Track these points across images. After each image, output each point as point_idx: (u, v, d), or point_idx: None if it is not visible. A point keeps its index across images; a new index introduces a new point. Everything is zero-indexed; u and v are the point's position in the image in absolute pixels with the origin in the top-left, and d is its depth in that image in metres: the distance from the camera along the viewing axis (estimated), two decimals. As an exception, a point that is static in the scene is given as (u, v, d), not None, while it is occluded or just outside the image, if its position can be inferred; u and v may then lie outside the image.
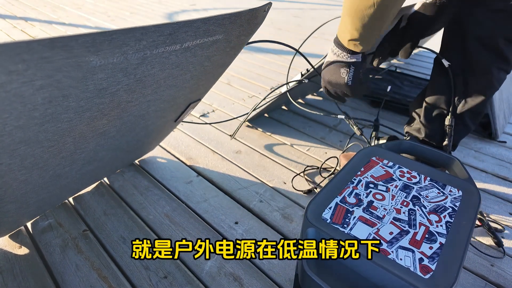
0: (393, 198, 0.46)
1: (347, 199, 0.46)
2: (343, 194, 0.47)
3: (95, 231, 0.64)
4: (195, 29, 0.40)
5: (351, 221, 0.42)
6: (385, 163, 0.53)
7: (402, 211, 0.44)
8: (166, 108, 0.60)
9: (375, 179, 0.50)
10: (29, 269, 0.56)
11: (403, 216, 0.43)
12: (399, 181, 0.50)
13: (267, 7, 0.48)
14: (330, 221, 0.42)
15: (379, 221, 0.42)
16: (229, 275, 0.56)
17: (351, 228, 0.41)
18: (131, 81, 0.42)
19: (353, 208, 0.44)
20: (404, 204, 0.45)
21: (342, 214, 0.43)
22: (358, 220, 0.43)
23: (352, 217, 0.43)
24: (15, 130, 0.35)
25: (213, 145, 0.93)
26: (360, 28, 0.53)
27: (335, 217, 0.43)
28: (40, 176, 0.49)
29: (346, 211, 0.44)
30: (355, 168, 0.52)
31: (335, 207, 0.44)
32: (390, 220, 0.43)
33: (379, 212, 0.44)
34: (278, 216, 0.69)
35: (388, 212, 0.44)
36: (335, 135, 1.02)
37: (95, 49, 0.32)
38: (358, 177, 0.50)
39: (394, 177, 0.50)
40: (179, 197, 0.74)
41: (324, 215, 0.43)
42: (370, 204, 0.45)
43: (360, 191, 0.47)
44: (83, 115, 0.42)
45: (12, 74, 0.29)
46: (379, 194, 0.47)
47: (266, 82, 1.45)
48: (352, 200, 0.46)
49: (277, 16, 3.00)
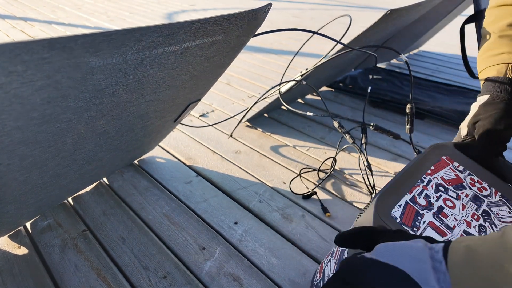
0: (464, 208, 0.43)
1: (417, 199, 0.42)
2: (413, 192, 0.43)
3: (94, 231, 0.64)
4: (194, 29, 0.40)
5: (421, 225, 0.39)
6: (455, 166, 0.49)
7: (473, 225, 0.40)
8: (165, 108, 0.60)
9: (445, 182, 0.46)
10: (28, 269, 0.56)
11: (473, 231, 0.40)
12: (469, 190, 0.46)
13: (267, 8, 0.48)
14: (400, 221, 0.38)
15: (450, 232, 0.39)
16: (228, 275, 0.56)
17: (421, 233, 0.38)
18: (130, 81, 0.42)
19: (423, 211, 0.40)
20: (474, 218, 0.41)
21: (412, 216, 0.39)
22: (428, 225, 0.39)
23: (422, 221, 0.39)
24: (14, 130, 0.35)
25: (212, 145, 0.93)
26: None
27: (405, 217, 0.39)
28: (39, 177, 0.49)
29: (416, 213, 0.40)
30: (426, 165, 0.48)
31: (405, 206, 0.40)
32: (460, 232, 0.39)
33: (450, 221, 0.40)
34: (278, 216, 0.69)
35: (459, 224, 0.40)
36: (334, 135, 1.02)
37: (94, 49, 0.32)
38: (428, 176, 0.46)
39: (464, 184, 0.46)
40: (178, 197, 0.74)
41: (394, 213, 0.39)
42: (440, 210, 0.41)
43: (430, 193, 0.43)
44: (82, 116, 0.42)
45: (11, 75, 0.29)
46: (449, 201, 0.43)
47: (266, 82, 1.45)
48: (422, 202, 0.42)
49: (277, 16, 3.00)
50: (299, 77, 0.89)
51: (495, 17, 0.53)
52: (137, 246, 0.61)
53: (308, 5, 3.84)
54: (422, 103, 1.19)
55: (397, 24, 0.95)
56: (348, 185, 0.80)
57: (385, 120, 1.15)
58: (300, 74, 0.90)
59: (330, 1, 4.27)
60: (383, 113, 1.20)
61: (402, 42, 1.52)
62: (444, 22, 1.73)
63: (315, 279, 0.52)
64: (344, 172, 0.85)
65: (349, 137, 0.77)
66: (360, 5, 4.27)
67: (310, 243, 0.63)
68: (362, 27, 2.59)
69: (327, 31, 2.31)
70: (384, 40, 1.17)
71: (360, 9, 4.00)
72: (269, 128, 1.04)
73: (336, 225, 0.68)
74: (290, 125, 1.07)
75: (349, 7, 4.03)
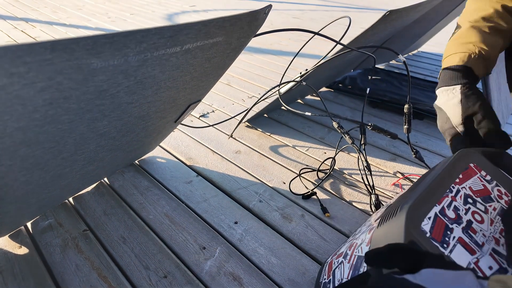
0: (492, 223, 0.40)
1: (446, 211, 0.39)
2: (442, 203, 0.40)
3: (95, 231, 0.64)
4: (195, 31, 0.41)
5: (450, 241, 0.36)
6: (483, 175, 0.46)
7: (501, 243, 0.38)
8: (166, 109, 0.60)
9: (473, 193, 0.43)
10: (29, 269, 0.56)
11: (502, 250, 0.37)
12: (497, 203, 0.43)
13: (267, 10, 0.49)
14: (429, 236, 0.35)
15: (479, 250, 0.36)
16: (228, 274, 0.56)
17: (450, 250, 0.35)
18: (131, 83, 0.43)
19: (452, 225, 0.38)
20: (503, 235, 0.39)
21: (442, 230, 0.37)
22: (457, 241, 0.36)
23: (452, 236, 0.37)
24: (16, 131, 0.36)
25: (212, 145, 0.94)
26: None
27: (434, 232, 0.36)
28: (41, 177, 0.49)
29: (446, 227, 0.37)
30: (454, 172, 0.44)
31: (435, 219, 0.37)
32: (489, 250, 0.37)
33: (479, 238, 0.38)
34: (278, 216, 0.70)
35: (487, 241, 0.38)
36: (334, 135, 1.02)
37: (96, 51, 0.33)
38: (456, 185, 0.43)
39: (492, 197, 0.44)
40: (179, 197, 0.74)
41: (424, 227, 0.36)
42: (469, 225, 0.39)
43: (459, 205, 0.41)
44: (84, 117, 0.43)
45: (14, 76, 0.29)
46: (477, 214, 0.41)
47: (266, 82, 1.45)
48: (452, 215, 0.39)
49: (277, 17, 3.01)
50: (299, 77, 0.89)
51: (473, 8, 0.55)
52: (137, 245, 0.61)
53: (308, 6, 3.85)
54: (421, 104, 1.20)
55: (396, 25, 0.96)
56: (348, 185, 0.80)
57: (384, 120, 1.16)
58: (300, 75, 0.90)
59: (330, 2, 4.28)
60: (382, 113, 1.21)
61: (401, 43, 1.52)
62: (443, 23, 1.74)
63: (322, 278, 0.51)
64: (343, 172, 0.85)
65: (348, 137, 0.77)
66: (359, 6, 4.27)
67: (310, 243, 0.64)
68: (361, 28, 2.59)
69: (327, 32, 2.32)
70: (384, 41, 1.17)
71: (359, 10, 4.00)
72: (269, 128, 1.04)
73: (335, 224, 0.68)
74: (290, 126, 1.07)
75: (349, 8, 4.03)
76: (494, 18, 0.53)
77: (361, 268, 0.40)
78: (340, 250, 0.51)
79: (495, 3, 0.53)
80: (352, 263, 0.43)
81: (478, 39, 0.52)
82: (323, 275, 0.52)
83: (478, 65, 0.51)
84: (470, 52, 0.51)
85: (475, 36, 0.52)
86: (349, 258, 0.44)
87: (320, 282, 0.51)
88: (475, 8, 0.55)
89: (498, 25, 0.53)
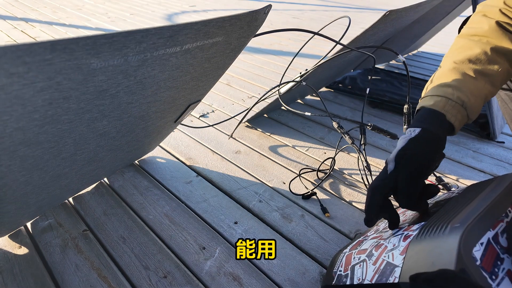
0: None
1: (499, 238, 0.35)
2: (496, 229, 0.35)
3: (95, 231, 0.64)
4: (195, 31, 0.41)
5: (499, 273, 0.32)
6: None
7: None
8: (166, 109, 0.60)
9: None
10: (29, 269, 0.56)
11: None
12: None
13: (267, 9, 0.49)
14: (479, 264, 0.32)
15: None
16: (228, 274, 0.56)
17: (498, 283, 0.32)
18: (131, 83, 0.43)
19: (503, 255, 0.34)
20: None
21: (492, 259, 0.33)
22: (506, 275, 0.33)
23: (501, 267, 0.33)
24: (15, 131, 0.36)
25: (212, 145, 0.94)
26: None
27: (485, 260, 0.32)
28: (40, 177, 0.49)
29: (497, 257, 0.33)
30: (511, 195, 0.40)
31: (487, 246, 0.34)
32: None
33: None
34: (278, 216, 0.70)
35: None
36: (334, 135, 1.02)
37: (96, 51, 0.33)
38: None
39: None
40: (178, 197, 0.74)
41: (475, 253, 0.32)
42: None
43: None
44: (83, 117, 0.43)
45: (13, 77, 0.29)
46: None
47: (266, 82, 1.45)
48: (504, 243, 0.35)
49: (276, 17, 3.01)
50: (299, 77, 0.89)
51: (460, 47, 0.49)
52: (137, 245, 0.61)
53: (308, 6, 3.85)
54: (422, 104, 1.20)
55: (396, 25, 0.96)
56: (347, 185, 0.80)
57: (384, 120, 1.16)
58: (300, 75, 0.90)
59: (330, 2, 4.28)
60: (382, 113, 1.21)
61: (401, 43, 1.52)
62: (443, 23, 1.74)
63: (337, 269, 0.48)
64: (343, 172, 0.85)
65: (348, 137, 0.77)
66: (359, 6, 4.28)
67: (310, 243, 0.64)
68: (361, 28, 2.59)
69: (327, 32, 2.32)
70: (384, 41, 1.17)
71: (359, 10, 4.00)
72: (269, 129, 1.04)
73: (335, 225, 0.68)
74: (289, 126, 1.07)
75: (349, 8, 4.03)
76: (482, 60, 0.46)
77: (390, 277, 0.37)
78: (362, 246, 0.48)
79: (485, 43, 0.47)
80: (378, 267, 0.40)
81: (458, 83, 0.45)
82: (338, 265, 0.49)
83: (454, 112, 0.44)
84: (445, 97, 0.45)
85: (456, 79, 0.45)
86: (375, 260, 0.42)
87: (334, 272, 0.49)
88: (462, 46, 0.49)
89: (486, 69, 0.45)
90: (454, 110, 0.44)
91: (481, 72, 0.45)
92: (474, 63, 0.46)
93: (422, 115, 0.46)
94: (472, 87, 0.45)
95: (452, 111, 0.44)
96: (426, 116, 0.45)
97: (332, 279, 0.48)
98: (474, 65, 0.46)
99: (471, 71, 0.45)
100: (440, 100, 0.45)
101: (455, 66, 0.47)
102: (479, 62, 0.46)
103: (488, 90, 0.46)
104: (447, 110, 0.44)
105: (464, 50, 0.48)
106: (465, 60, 0.46)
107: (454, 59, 0.48)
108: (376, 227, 0.54)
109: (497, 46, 0.46)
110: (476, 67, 0.46)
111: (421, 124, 0.44)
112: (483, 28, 0.48)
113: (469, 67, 0.46)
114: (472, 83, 0.45)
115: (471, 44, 0.48)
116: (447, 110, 0.44)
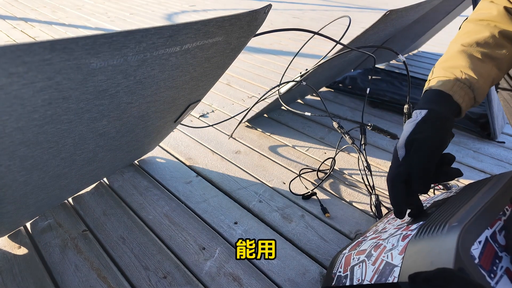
0: None
1: (497, 236, 0.35)
2: (494, 227, 0.36)
3: (95, 231, 0.64)
4: (195, 31, 0.41)
5: (498, 271, 0.33)
6: None
7: None
8: (165, 109, 0.60)
9: None
10: (29, 269, 0.56)
11: None
12: None
13: (267, 9, 0.49)
14: (478, 262, 0.32)
15: None
16: (228, 275, 0.56)
17: (497, 281, 0.32)
18: (131, 82, 0.43)
19: (502, 253, 0.34)
20: None
21: (490, 257, 0.33)
22: (504, 273, 0.33)
23: (500, 266, 0.33)
24: (15, 131, 0.35)
25: (212, 146, 0.94)
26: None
27: (483, 259, 0.33)
28: (40, 177, 0.49)
29: (495, 255, 0.34)
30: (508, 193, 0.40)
31: (485, 244, 0.34)
32: None
33: None
34: (278, 216, 0.70)
35: None
36: (334, 135, 1.02)
37: (95, 51, 0.32)
38: (510, 208, 0.39)
39: None
40: (178, 197, 0.74)
41: (473, 251, 0.32)
42: None
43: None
44: (83, 117, 0.42)
45: (13, 76, 0.29)
46: None
47: (265, 82, 1.45)
48: (502, 241, 0.35)
49: (277, 17, 3.01)
50: (299, 77, 0.89)
51: (468, 31, 0.50)
52: (137, 246, 0.61)
53: (308, 6, 3.85)
54: (422, 104, 1.20)
55: (396, 25, 0.96)
56: (348, 185, 0.80)
57: (385, 120, 1.15)
58: (300, 75, 0.90)
59: (330, 2, 4.28)
60: (382, 113, 1.21)
61: (401, 43, 1.52)
62: (444, 23, 1.74)
63: (337, 270, 0.49)
64: (343, 172, 0.85)
65: (348, 137, 0.77)
66: (360, 6, 4.27)
67: (310, 243, 0.63)
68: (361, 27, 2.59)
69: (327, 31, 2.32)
70: (384, 41, 1.17)
71: (360, 9, 4.00)
72: (269, 129, 1.04)
73: (335, 225, 0.68)
74: (290, 126, 1.07)
75: (349, 8, 4.03)
76: (490, 44, 0.46)
77: (389, 277, 0.37)
78: (361, 246, 0.48)
79: (493, 27, 0.47)
80: (378, 267, 0.40)
81: (466, 64, 0.45)
82: (338, 266, 0.49)
83: (461, 93, 0.44)
84: (454, 77, 0.45)
85: (464, 61, 0.46)
86: (374, 260, 0.42)
87: (334, 273, 0.49)
88: (470, 30, 0.49)
89: (494, 52, 0.46)
90: (462, 92, 0.44)
91: (489, 56, 0.46)
92: (482, 47, 0.46)
93: (428, 96, 0.46)
94: (481, 69, 0.45)
95: (460, 92, 0.44)
96: (433, 97, 0.45)
97: (332, 280, 0.48)
98: (482, 48, 0.46)
99: (479, 53, 0.46)
100: (449, 81, 0.45)
101: (463, 49, 0.47)
102: (487, 45, 0.46)
103: (495, 73, 0.46)
104: (455, 91, 0.44)
105: (472, 34, 0.48)
106: (473, 43, 0.47)
107: (461, 42, 0.48)
108: (375, 228, 0.55)
109: (505, 30, 0.47)
110: (484, 50, 0.46)
111: (427, 105, 0.44)
112: (492, 13, 0.48)
113: (477, 50, 0.46)
114: (480, 65, 0.45)
115: (479, 28, 0.48)
116: (455, 90, 0.44)
